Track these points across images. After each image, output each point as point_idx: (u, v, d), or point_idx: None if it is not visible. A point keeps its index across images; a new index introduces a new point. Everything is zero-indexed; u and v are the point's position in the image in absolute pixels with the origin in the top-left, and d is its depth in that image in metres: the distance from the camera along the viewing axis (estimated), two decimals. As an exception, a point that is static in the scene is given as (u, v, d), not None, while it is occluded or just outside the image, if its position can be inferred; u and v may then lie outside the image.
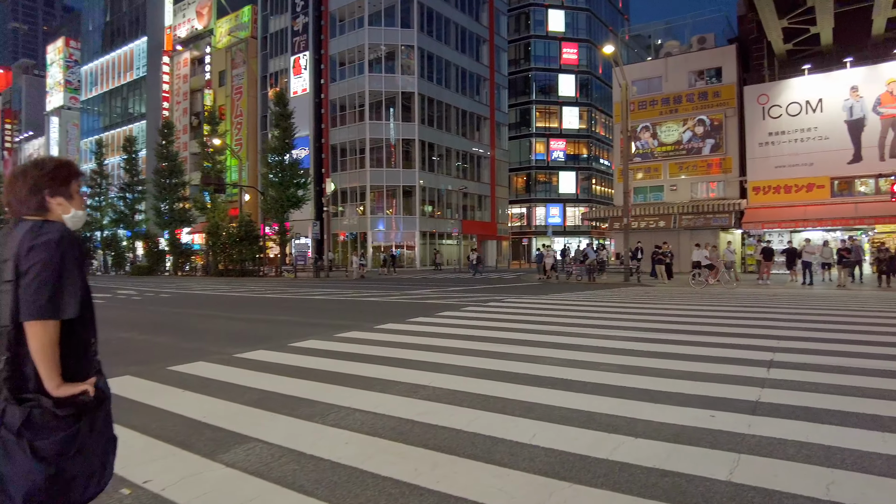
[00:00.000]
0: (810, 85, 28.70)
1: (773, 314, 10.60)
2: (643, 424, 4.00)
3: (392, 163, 42.93)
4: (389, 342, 7.68)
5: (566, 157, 59.58)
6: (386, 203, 43.33)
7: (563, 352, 6.79)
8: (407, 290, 18.78)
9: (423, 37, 43.48)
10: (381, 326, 9.24)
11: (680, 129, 32.26)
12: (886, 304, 12.43)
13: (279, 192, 34.53)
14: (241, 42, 50.76)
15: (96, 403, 1.86)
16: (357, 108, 43.47)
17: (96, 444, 1.88)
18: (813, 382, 5.10)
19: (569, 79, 59.29)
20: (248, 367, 6.28)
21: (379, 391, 5.04)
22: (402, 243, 43.20)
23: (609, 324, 9.33)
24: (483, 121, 51.38)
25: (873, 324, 9.05)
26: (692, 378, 5.36)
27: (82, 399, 1.80)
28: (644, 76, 33.87)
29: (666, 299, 14.47)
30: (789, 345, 7.07)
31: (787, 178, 28.81)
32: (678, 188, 32.56)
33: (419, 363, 6.21)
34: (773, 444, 3.56)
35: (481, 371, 5.76)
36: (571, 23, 59.43)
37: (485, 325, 9.17)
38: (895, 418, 4.07)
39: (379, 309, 12.68)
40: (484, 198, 51.41)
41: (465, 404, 4.57)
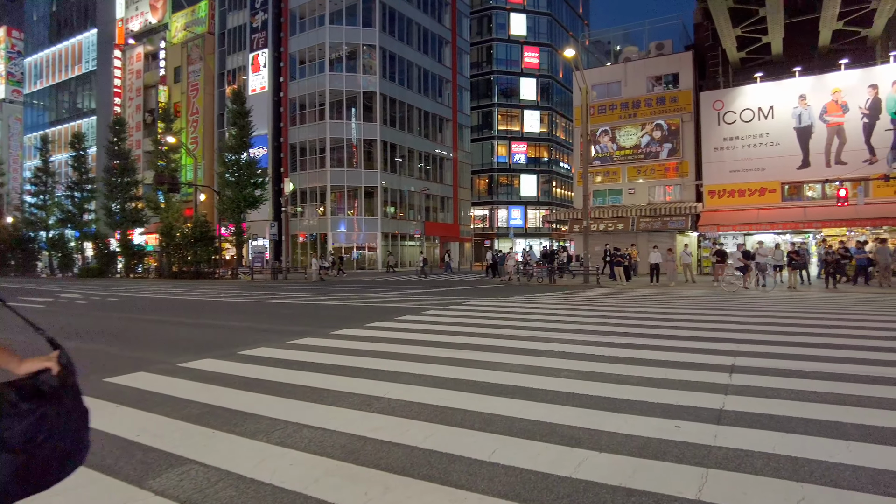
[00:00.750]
0: (762, 92, 29.58)
1: (730, 316, 10.72)
2: (607, 437, 3.84)
3: (353, 163, 42.36)
4: (345, 349, 7.36)
5: (527, 160, 60.07)
6: (347, 204, 42.73)
7: (525, 357, 6.62)
8: (367, 294, 18.42)
9: (384, 36, 43.09)
10: (337, 332, 8.90)
11: (638, 134, 32.81)
12: (835, 305, 12.76)
13: (236, 191, 33.62)
14: (198, 38, 49.28)
15: (60, 383, 1.80)
16: (317, 107, 42.74)
17: (66, 423, 1.82)
18: (774, 388, 5.05)
19: (530, 82, 59.80)
20: (192, 377, 5.88)
21: (330, 404, 4.74)
22: (364, 245, 42.68)
23: (570, 328, 9.23)
24: (446, 122, 51.28)
25: (826, 325, 9.20)
26: (654, 385, 5.25)
27: (45, 380, 1.75)
28: (603, 81, 34.32)
29: (625, 302, 14.55)
30: (749, 348, 7.08)
31: (740, 182, 29.62)
32: (636, 191, 33.09)
33: (375, 372, 5.93)
34: (740, 457, 3.44)
35: (440, 380, 5.52)
36: (533, 27, 59.96)
37: (445, 331, 8.94)
38: (856, 425, 4.01)
39: (337, 313, 12.31)
40: (447, 199, 51.30)
41: (422, 417, 4.32)
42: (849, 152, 27.48)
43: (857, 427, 3.98)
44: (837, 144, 27.79)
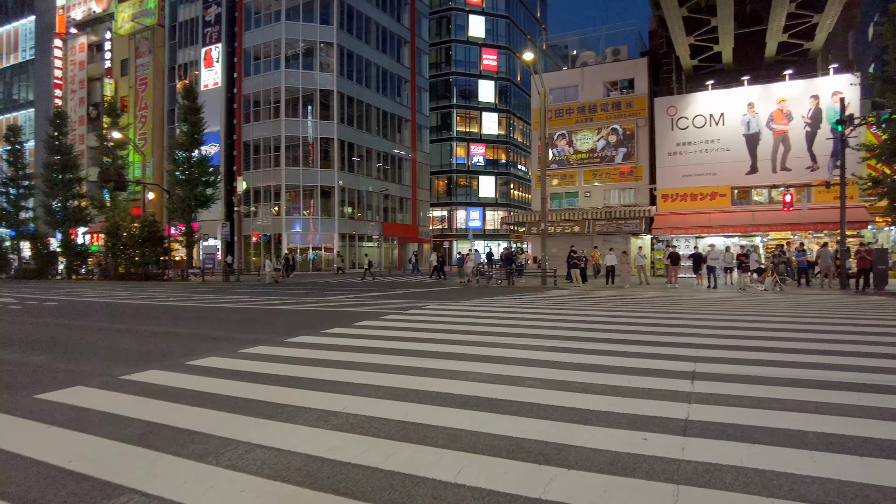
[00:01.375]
0: (714, 99, 30.52)
1: (688, 319, 10.89)
2: (575, 452, 3.73)
3: (310, 162, 41.55)
4: (301, 359, 7.06)
5: (486, 162, 60.36)
6: (303, 204, 41.88)
7: (488, 366, 6.48)
8: (323, 297, 18.00)
9: (342, 34, 42.46)
10: (292, 340, 8.57)
11: (594, 138, 33.34)
12: (784, 307, 13.16)
13: (186, 190, 32.48)
14: (147, 30, 47.40)
15: None
16: (272, 104, 41.75)
17: None
18: (737, 395, 5.07)
19: (488, 84, 60.10)
20: (135, 392, 5.49)
21: (285, 420, 4.48)
22: (321, 245, 41.92)
23: (532, 332, 9.17)
24: (404, 122, 50.97)
25: (779, 329, 9.43)
26: (619, 394, 5.20)
27: None
28: (561, 85, 34.73)
29: (583, 304, 14.65)
30: (708, 354, 7.15)
31: (692, 186, 30.47)
32: (592, 195, 33.62)
33: (333, 384, 5.67)
34: (709, 471, 3.38)
35: (401, 392, 5.32)
36: (492, 29, 60.30)
37: (405, 337, 8.72)
38: (817, 434, 4.03)
39: (291, 319, 11.92)
40: (405, 200, 50.98)
41: (383, 434, 4.11)
42: (793, 159, 28.64)
43: (819, 436, 3.99)
44: (783, 151, 28.92)
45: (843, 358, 6.79)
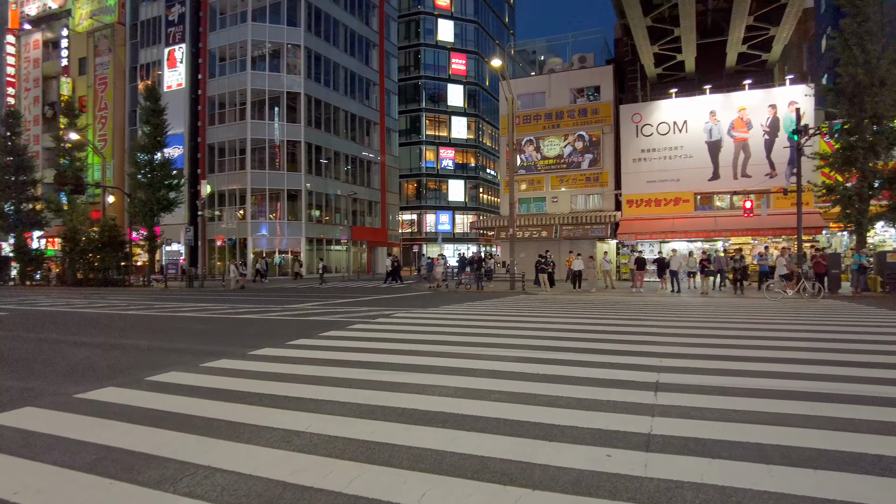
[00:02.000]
0: (677, 107, 31.25)
1: (651, 326, 11.07)
2: (540, 471, 3.73)
3: (276, 165, 41.03)
4: (264, 373, 6.93)
5: (455, 166, 60.57)
6: (269, 207, 41.30)
7: (454, 378, 6.46)
8: (288, 304, 17.75)
9: (310, 36, 42.07)
10: (256, 353, 8.40)
11: (561, 144, 33.76)
12: (746, 312, 13.53)
13: (148, 193, 31.72)
14: (106, 28, 46.12)
15: None
16: (238, 106, 41.10)
17: None
18: (698, 408, 5.16)
19: (457, 89, 60.36)
20: (90, 412, 5.29)
21: (247, 441, 4.38)
22: (287, 249, 41.37)
23: (499, 341, 9.19)
24: (373, 126, 50.76)
25: (740, 336, 9.67)
26: (583, 407, 5.23)
27: None
28: (528, 91, 35.08)
29: (550, 310, 14.78)
30: (671, 363, 7.27)
31: (657, 192, 31.12)
32: (559, 200, 34.03)
33: (297, 401, 5.57)
34: (670, 489, 3.42)
35: (366, 409, 5.26)
36: (460, 34, 60.59)
37: (371, 348, 8.65)
38: (774, 446, 4.12)
39: (255, 328, 11.71)
40: (374, 204, 50.75)
41: (347, 455, 4.05)
42: (753, 166, 29.51)
43: (776, 448, 4.08)
44: (743, 158, 29.79)
45: (798, 366, 6.98)
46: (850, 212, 21.65)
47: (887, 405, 5.16)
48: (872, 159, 21.30)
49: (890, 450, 4.00)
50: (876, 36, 21.37)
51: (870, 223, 21.84)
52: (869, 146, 21.15)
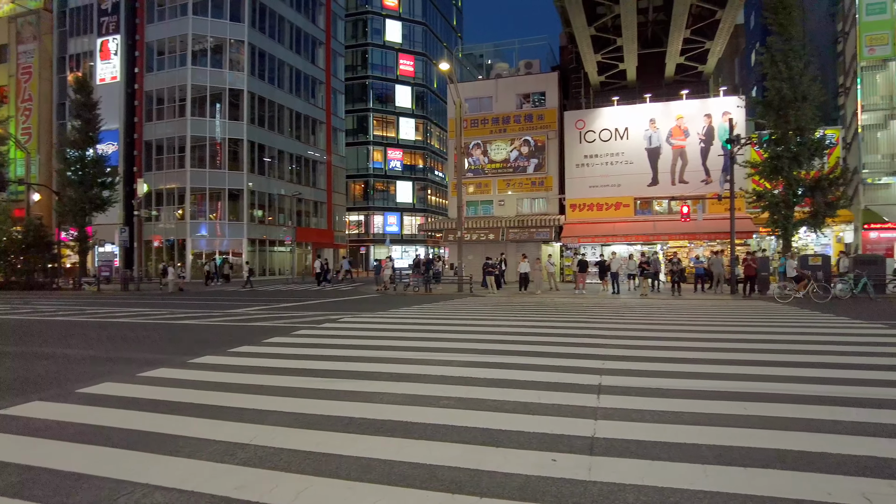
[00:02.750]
0: (619, 114, 32.27)
1: (593, 328, 11.38)
2: (487, 477, 3.77)
3: (217, 163, 39.79)
4: (205, 382, 6.70)
5: (403, 167, 60.42)
6: (209, 207, 40.00)
7: (403, 385, 6.45)
8: (230, 308, 17.24)
9: (254, 32, 41.04)
10: (196, 361, 8.11)
11: (508, 148, 34.27)
12: (682, 314, 14.10)
13: (79, 192, 30.10)
14: (31, 13, 43.48)
15: None
16: (177, 102, 39.62)
17: None
18: (639, 410, 5.34)
19: (405, 90, 60.26)
20: (13, 430, 4.97)
21: (188, 455, 4.22)
22: (228, 250, 40.16)
23: (447, 345, 9.23)
24: (319, 125, 49.99)
25: (679, 338, 10.07)
26: (529, 411, 5.33)
27: None
28: (476, 95, 35.43)
29: (497, 312, 14.97)
30: (613, 365, 7.49)
31: (599, 196, 32.04)
32: (506, 203, 34.52)
33: (240, 412, 5.42)
34: (613, 492, 3.53)
35: (312, 419, 5.17)
36: (408, 35, 60.52)
37: (318, 355, 8.51)
38: (710, 446, 4.31)
39: (196, 335, 11.31)
40: (320, 204, 49.97)
41: (293, 468, 3.97)
42: (690, 172, 30.81)
43: (711, 448, 4.27)
44: (681, 165, 31.05)
45: (731, 367, 7.34)
46: (777, 217, 22.95)
47: (812, 403, 5.50)
48: (796, 168, 22.65)
49: (813, 446, 4.27)
50: (799, 54, 22.77)
51: (794, 228, 23.20)
52: (793, 156, 22.48)
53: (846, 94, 29.42)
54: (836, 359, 7.84)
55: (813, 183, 22.52)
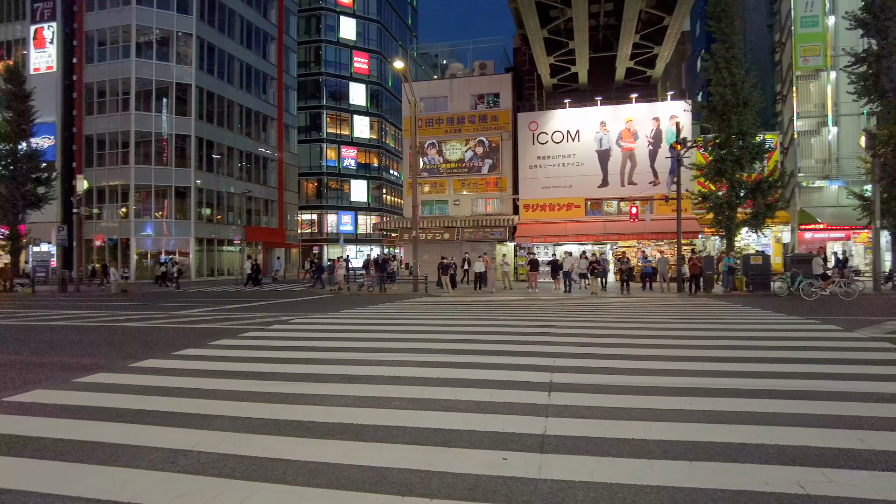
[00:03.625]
0: (571, 117, 32.87)
1: (545, 326, 11.52)
2: (438, 479, 3.74)
3: (164, 160, 38.42)
4: (147, 387, 6.42)
5: (358, 166, 59.80)
6: (155, 205, 38.58)
7: (354, 387, 6.34)
8: (175, 310, 16.65)
9: (202, 25, 39.81)
10: (137, 365, 7.78)
11: (463, 148, 34.40)
12: (632, 311, 14.45)
13: (11, 188, 28.55)
14: (-43, -2, 40.87)
15: None
16: (121, 95, 38.03)
17: None
18: (588, 406, 5.42)
19: (360, 88, 59.66)
20: (-69, 440, 4.63)
21: (125, 465, 4.02)
22: (175, 250, 38.81)
23: (400, 346, 9.16)
24: (270, 122, 48.93)
25: (625, 334, 10.30)
26: (481, 410, 5.33)
27: None
28: (431, 95, 35.42)
29: (452, 311, 14.98)
30: (564, 363, 7.59)
31: (551, 197, 32.56)
32: (461, 203, 34.66)
33: (183, 417, 5.21)
34: (563, 489, 3.55)
35: (259, 423, 5.02)
36: (363, 32, 59.95)
37: (265, 357, 8.29)
38: (656, 441, 4.41)
39: (138, 338, 10.86)
40: (271, 203, 48.92)
41: (238, 474, 3.84)
42: (639, 174, 31.66)
43: (658, 444, 4.37)
44: (630, 167, 31.88)
45: (678, 363, 7.56)
46: (721, 218, 23.87)
47: (752, 396, 5.70)
48: (739, 171, 23.62)
49: (753, 438, 4.42)
50: (740, 61, 23.77)
51: (737, 229, 24.17)
52: (736, 159, 23.43)
53: (783, 101, 30.86)
54: (772, 353, 8.18)
55: (754, 185, 23.52)
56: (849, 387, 6.08)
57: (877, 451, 4.13)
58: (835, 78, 27.76)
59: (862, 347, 8.66)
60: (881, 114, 22.15)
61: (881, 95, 21.97)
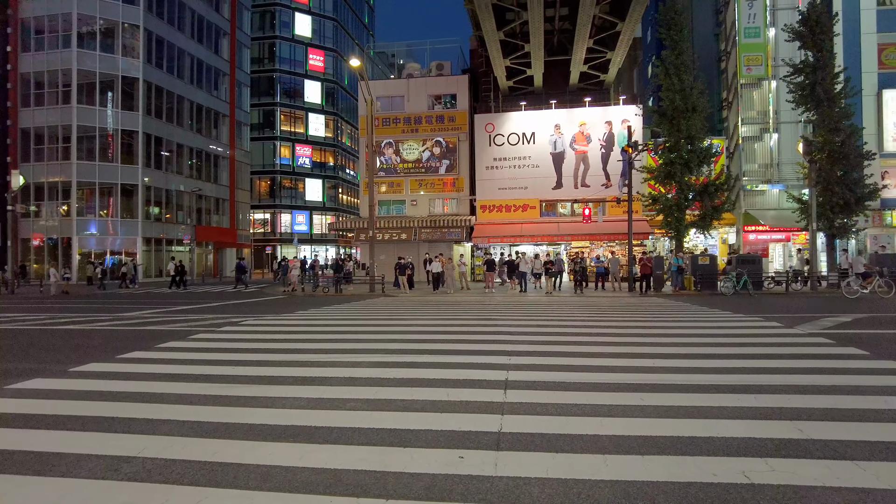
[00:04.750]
0: (526, 119, 33.28)
1: (501, 325, 11.60)
2: (394, 479, 3.69)
3: (109, 156, 36.92)
4: (89, 392, 6.13)
5: (313, 164, 58.93)
6: (99, 203, 37.02)
7: (308, 389, 6.22)
8: (121, 312, 16.00)
9: (150, 17, 38.45)
10: (78, 369, 7.41)
11: (420, 149, 34.36)
12: (586, 310, 14.72)
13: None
14: None
15: None
16: (62, 87, 36.31)
17: None
18: (543, 404, 5.47)
19: (315, 85, 58.82)
20: None
21: (62, 474, 3.81)
22: (121, 250, 37.34)
23: (356, 346, 9.06)
24: (222, 118, 47.67)
25: (581, 333, 10.48)
26: (438, 409, 5.31)
27: None
28: (388, 94, 35.24)
29: (409, 312, 14.92)
30: (519, 361, 7.66)
31: (507, 198, 32.90)
32: (418, 203, 34.60)
33: (128, 422, 4.99)
34: (519, 486, 3.56)
35: (209, 427, 4.85)
36: (318, 29, 59.15)
37: (216, 360, 8.04)
38: (610, 437, 4.48)
39: (80, 341, 10.37)
40: (222, 201, 47.65)
41: (187, 480, 3.69)
42: (592, 177, 32.33)
43: (611, 439, 4.44)
44: (583, 169, 32.52)
45: (630, 360, 7.72)
46: (670, 220, 24.62)
47: (700, 391, 5.88)
48: (687, 174, 24.42)
49: (701, 431, 4.55)
50: (689, 68, 24.58)
51: (685, 230, 24.98)
52: (685, 163, 24.22)
53: (729, 107, 32.09)
54: (719, 350, 8.46)
55: (702, 188, 24.35)
56: (789, 380, 6.34)
57: (814, 440, 4.32)
58: (775, 87, 29.05)
59: (801, 343, 9.06)
60: (817, 122, 23.31)
61: (817, 104, 23.14)
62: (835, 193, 22.87)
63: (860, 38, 28.34)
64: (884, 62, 28.48)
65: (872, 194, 23.33)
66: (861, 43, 28.36)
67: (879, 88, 28.15)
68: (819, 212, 22.59)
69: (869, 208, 24.71)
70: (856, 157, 23.00)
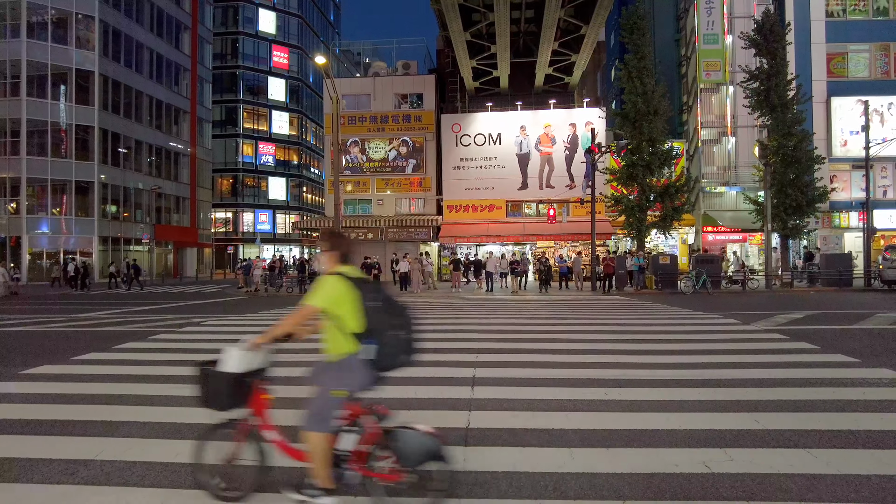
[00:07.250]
0: (492, 120, 33.48)
1: (468, 323, 11.65)
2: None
3: (62, 152, 35.58)
4: (42, 395, 5.90)
5: (276, 163, 58.02)
6: (52, 201, 35.64)
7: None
8: (76, 313, 15.46)
9: (106, 8, 37.22)
10: (30, 371, 7.13)
11: (386, 148, 34.21)
12: (550, 309, 14.89)
13: None
14: None
15: None
16: (9, 79, 34.84)
17: None
18: (510, 399, 5.53)
19: (279, 83, 57.96)
20: None
21: (13, 480, 3.66)
22: (76, 250, 36.04)
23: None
24: (183, 115, 46.48)
25: (546, 330, 10.61)
26: (406, 406, 5.30)
27: None
28: (354, 92, 34.96)
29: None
30: (486, 358, 7.72)
31: (474, 199, 33.03)
32: (385, 203, 34.43)
33: (84, 425, 4.83)
34: (486, 481, 3.59)
35: (171, 428, 4.74)
36: (283, 26, 58.30)
37: (176, 360, 7.84)
38: (575, 430, 4.56)
39: (32, 343, 9.97)
40: (183, 199, 46.47)
41: (148, 482, 3.60)
42: (556, 178, 32.73)
43: (577, 433, 4.52)
44: (548, 171, 32.90)
45: (594, 356, 7.87)
46: (632, 220, 25.11)
47: (662, 385, 6.03)
48: (649, 176, 24.96)
49: (663, 424, 4.68)
50: (651, 72, 25.15)
51: (647, 230, 25.53)
52: (646, 165, 24.75)
53: (689, 111, 32.92)
54: (679, 346, 8.69)
55: (662, 189, 24.92)
56: (746, 374, 6.56)
57: (770, 430, 4.49)
58: (733, 92, 29.94)
59: (757, 339, 9.38)
60: (771, 126, 24.14)
61: (771, 110, 23.97)
62: (788, 196, 23.71)
63: (811, 47, 29.46)
64: (832, 71, 29.67)
65: (822, 197, 24.28)
66: (811, 52, 29.48)
67: (828, 96, 29.31)
68: (773, 213, 23.40)
69: (819, 210, 25.70)
70: (807, 160, 23.90)
